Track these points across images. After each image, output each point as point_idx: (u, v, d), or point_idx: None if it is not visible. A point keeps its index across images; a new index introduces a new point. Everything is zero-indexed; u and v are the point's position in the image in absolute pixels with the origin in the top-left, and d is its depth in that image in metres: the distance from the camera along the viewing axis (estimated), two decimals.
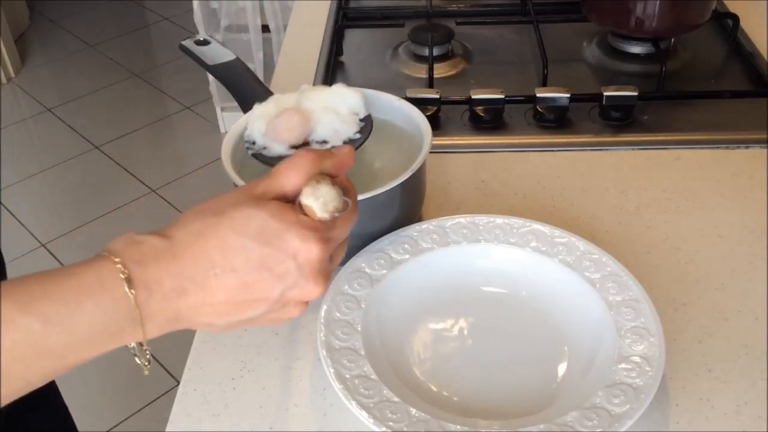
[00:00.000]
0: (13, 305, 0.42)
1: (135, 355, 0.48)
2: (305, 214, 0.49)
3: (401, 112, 0.78)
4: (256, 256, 0.47)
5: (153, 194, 2.37)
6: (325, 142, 0.68)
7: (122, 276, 0.44)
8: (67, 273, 0.44)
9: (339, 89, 0.71)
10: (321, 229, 0.48)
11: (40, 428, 0.85)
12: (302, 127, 0.68)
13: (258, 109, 0.71)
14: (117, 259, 0.45)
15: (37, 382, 0.44)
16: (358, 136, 0.68)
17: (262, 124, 0.70)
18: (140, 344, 0.47)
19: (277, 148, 0.68)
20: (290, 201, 0.50)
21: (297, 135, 0.68)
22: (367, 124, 0.70)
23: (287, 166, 0.50)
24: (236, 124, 0.77)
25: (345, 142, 0.67)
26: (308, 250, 0.47)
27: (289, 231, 0.47)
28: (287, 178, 0.50)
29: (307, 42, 1.08)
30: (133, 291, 0.44)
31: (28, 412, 0.82)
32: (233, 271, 0.46)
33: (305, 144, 0.68)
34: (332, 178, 0.51)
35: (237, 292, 0.47)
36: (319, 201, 0.49)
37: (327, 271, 0.49)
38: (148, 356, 0.48)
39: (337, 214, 0.50)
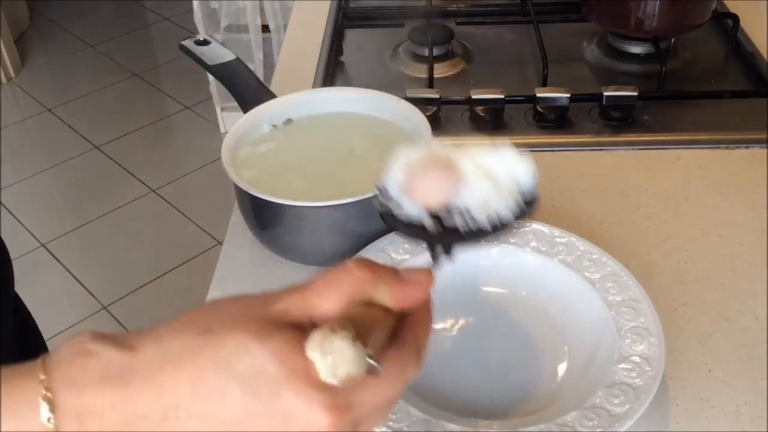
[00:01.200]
0: None
1: None
2: None
3: (401, 113, 0.78)
4: (235, 406, 0.34)
5: (153, 194, 2.37)
6: (468, 211, 0.55)
7: (42, 400, 0.35)
8: None
9: (507, 152, 0.59)
10: (336, 393, 0.35)
11: None
12: (446, 192, 0.57)
13: (404, 154, 0.61)
14: (43, 377, 0.35)
15: None
16: (510, 215, 0.54)
17: (403, 173, 0.60)
18: None
19: (411, 210, 0.56)
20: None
21: (438, 201, 0.56)
22: (529, 207, 0.55)
23: (325, 282, 0.38)
24: (236, 124, 0.77)
25: (495, 226, 0.53)
26: (308, 418, 0.34)
27: (288, 384, 0.34)
28: (319, 300, 0.37)
29: (307, 42, 1.08)
30: (53, 420, 0.35)
31: None
32: (201, 419, 0.35)
33: (446, 211, 0.55)
34: (378, 309, 0.38)
35: None
36: (327, 360, 0.34)
37: None
38: None
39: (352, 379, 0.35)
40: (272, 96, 0.81)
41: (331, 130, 0.80)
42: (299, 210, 0.68)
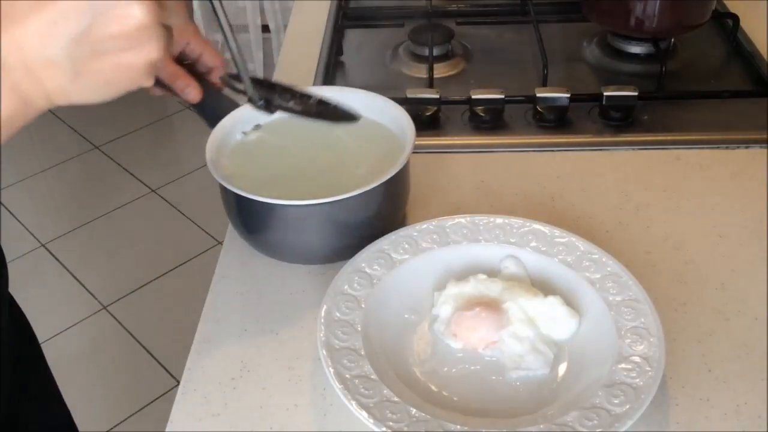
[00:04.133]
0: None
1: None
2: None
3: (386, 112, 0.78)
4: None
5: (153, 194, 2.37)
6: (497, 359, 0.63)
7: None
8: None
9: (557, 305, 0.64)
10: None
11: (40, 427, 0.85)
12: (488, 333, 0.63)
13: (454, 288, 0.66)
14: None
15: None
16: (539, 371, 0.61)
17: (451, 307, 0.65)
18: None
19: (453, 344, 0.63)
20: None
21: (479, 340, 0.63)
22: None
23: None
24: (217, 126, 0.76)
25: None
26: None
27: None
28: None
29: (307, 42, 1.08)
30: None
31: (27, 410, 0.82)
32: None
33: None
34: None
35: None
36: None
37: None
38: None
39: None
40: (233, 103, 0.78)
41: (314, 129, 0.80)
42: (286, 209, 0.69)
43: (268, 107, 0.67)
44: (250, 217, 0.72)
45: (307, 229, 0.70)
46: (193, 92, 0.66)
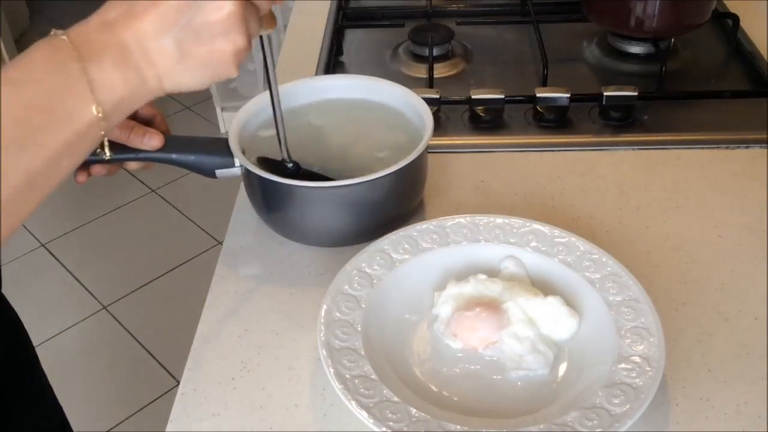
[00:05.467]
0: None
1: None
2: None
3: (400, 97, 0.80)
4: None
5: (153, 194, 2.37)
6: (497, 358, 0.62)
7: (56, 33, 0.49)
8: None
9: (557, 305, 0.64)
10: None
11: (31, 427, 0.85)
12: (488, 333, 0.62)
13: (454, 288, 0.66)
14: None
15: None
16: (539, 371, 0.61)
17: (451, 307, 0.64)
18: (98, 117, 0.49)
19: (453, 344, 0.63)
20: None
21: (479, 340, 0.62)
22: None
23: None
24: (241, 110, 0.78)
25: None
26: None
27: None
28: None
29: (307, 42, 1.08)
30: (63, 35, 0.49)
31: (18, 410, 0.81)
32: None
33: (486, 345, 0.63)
34: None
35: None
36: None
37: None
38: (103, 133, 0.50)
39: None
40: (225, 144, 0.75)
41: (333, 115, 0.82)
42: (306, 190, 0.71)
43: (297, 171, 0.72)
44: (269, 198, 0.74)
45: (327, 210, 0.72)
46: (154, 138, 0.68)
